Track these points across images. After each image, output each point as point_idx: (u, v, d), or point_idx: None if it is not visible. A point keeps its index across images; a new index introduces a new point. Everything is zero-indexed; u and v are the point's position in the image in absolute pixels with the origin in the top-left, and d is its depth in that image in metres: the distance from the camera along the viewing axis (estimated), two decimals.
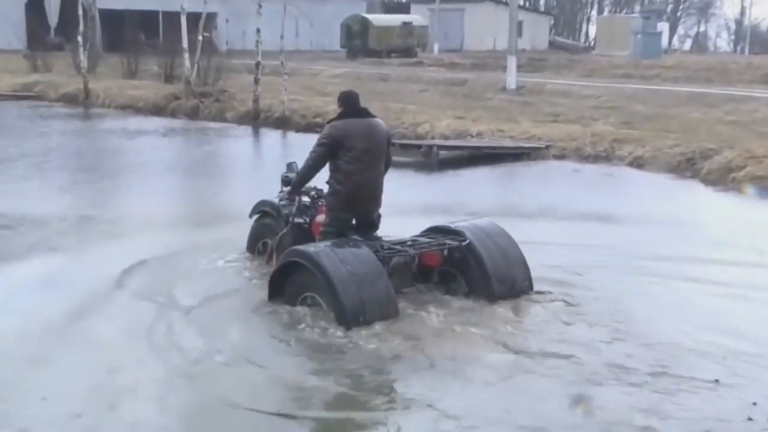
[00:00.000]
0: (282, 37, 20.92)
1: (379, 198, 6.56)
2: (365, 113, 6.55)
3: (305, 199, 6.90)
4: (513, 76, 25.96)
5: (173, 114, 21.85)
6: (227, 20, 48.77)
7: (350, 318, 5.71)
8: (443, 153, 14.92)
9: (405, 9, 61.12)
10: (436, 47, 51.22)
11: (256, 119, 20.23)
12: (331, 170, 6.46)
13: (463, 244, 6.39)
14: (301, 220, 6.87)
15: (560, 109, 20.33)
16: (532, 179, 13.50)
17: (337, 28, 49.06)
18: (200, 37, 23.26)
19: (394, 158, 14.11)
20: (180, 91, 22.85)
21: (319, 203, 6.81)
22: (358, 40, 47.32)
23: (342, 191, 6.37)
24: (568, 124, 17.28)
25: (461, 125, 17.04)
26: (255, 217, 7.51)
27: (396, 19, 50.44)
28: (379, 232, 6.64)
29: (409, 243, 6.41)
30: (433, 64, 40.18)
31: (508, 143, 15.62)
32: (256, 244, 7.55)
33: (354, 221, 6.55)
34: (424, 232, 6.64)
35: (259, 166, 15.20)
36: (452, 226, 6.58)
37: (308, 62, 38.02)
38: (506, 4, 48.97)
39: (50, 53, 33.14)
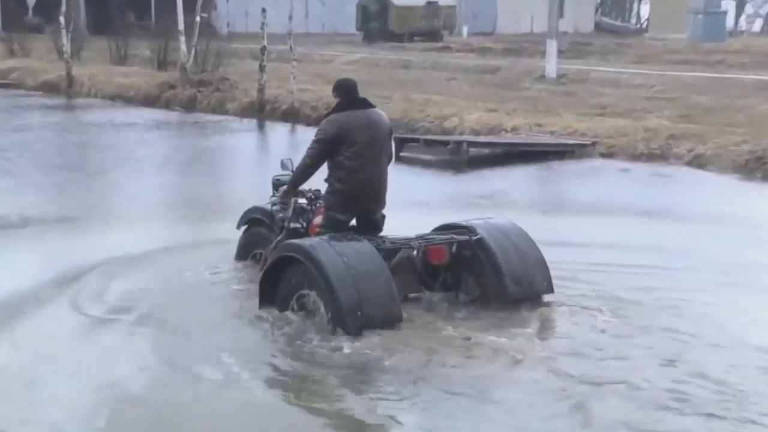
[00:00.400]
0: (290, 18, 20.99)
1: (383, 196, 6.69)
2: (365, 104, 6.66)
3: (302, 201, 6.94)
4: (553, 62, 25.89)
5: (167, 105, 21.99)
6: None
7: (347, 314, 5.79)
8: (473, 150, 14.91)
9: None
10: (465, 30, 51.22)
11: (261, 111, 20.29)
12: (331, 168, 6.57)
13: (473, 239, 6.51)
14: (297, 225, 6.91)
15: (607, 100, 20.26)
16: (574, 180, 13.45)
17: (352, 9, 49.17)
18: (198, 18, 23.40)
19: (418, 155, 14.57)
20: (175, 80, 22.99)
21: (317, 205, 6.85)
22: (376, 21, 47.41)
23: (343, 190, 6.49)
24: (617, 117, 17.22)
25: (494, 119, 17.03)
26: (243, 228, 7.49)
27: None
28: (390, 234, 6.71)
29: (410, 238, 6.51)
30: (462, 50, 40.17)
31: (547, 139, 15.58)
32: (248, 254, 7.49)
33: (355, 223, 6.66)
34: (433, 230, 6.76)
35: (263, 164, 15.21)
36: (463, 222, 6.71)
37: (320, 47, 38.14)
38: None
39: (28, 36, 33.50)
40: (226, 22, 38.56)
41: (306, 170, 6.66)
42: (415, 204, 10.45)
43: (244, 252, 7.52)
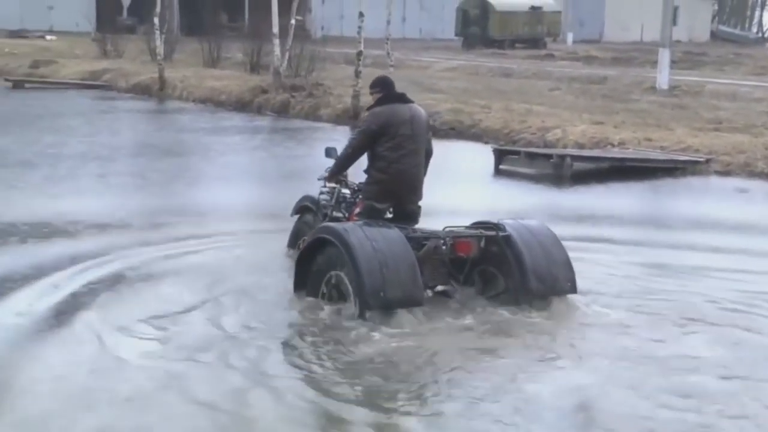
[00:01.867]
0: (388, 22, 21.23)
1: (420, 188, 7.27)
2: (406, 98, 7.30)
3: (345, 190, 7.61)
4: (665, 73, 25.51)
5: (259, 110, 22.40)
6: (323, 1, 49.79)
7: (369, 294, 6.34)
8: (578, 165, 14.77)
9: None
10: (569, 37, 50.89)
11: (355, 118, 20.44)
12: (371, 159, 7.19)
13: (501, 235, 6.97)
14: (339, 214, 7.57)
15: (724, 114, 19.87)
16: (686, 199, 13.20)
17: (452, 13, 49.34)
18: (292, 21, 23.82)
19: (519, 169, 14.51)
20: (267, 84, 23.39)
21: (359, 197, 7.43)
22: (476, 27, 47.46)
23: (383, 180, 7.09)
24: (734, 133, 16.87)
25: (600, 132, 16.86)
26: (296, 216, 8.31)
27: (522, 3, 50.32)
28: None
29: (441, 231, 7.02)
30: (566, 58, 39.93)
31: (657, 155, 15.35)
32: (296, 243, 8.20)
33: (391, 214, 7.23)
34: (466, 226, 7.24)
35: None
36: (495, 221, 7.18)
37: (416, 53, 38.37)
38: None
39: (121, 36, 34.53)
40: (320, 25, 39.11)
41: (348, 158, 7.33)
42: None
43: (295, 239, 8.28)
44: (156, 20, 27.13)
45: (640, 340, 6.47)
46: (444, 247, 6.92)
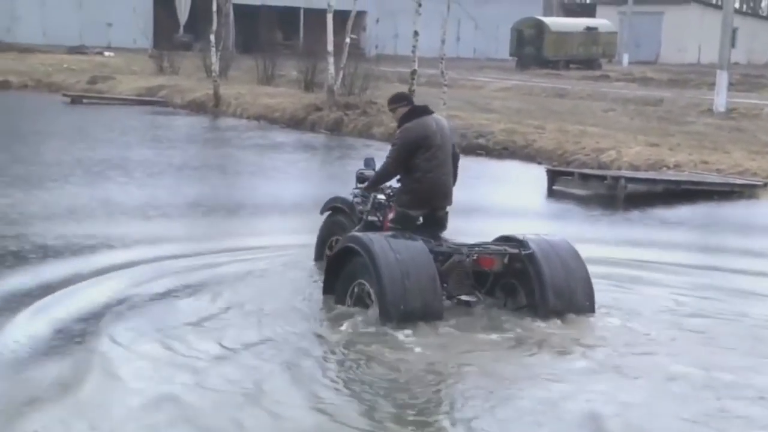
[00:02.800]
0: (443, 42, 21.31)
1: (450, 194, 7.67)
2: (429, 110, 7.73)
3: (380, 196, 7.92)
4: (723, 95, 25.29)
5: (313, 127, 22.62)
6: (377, 20, 50.14)
7: (390, 305, 6.65)
8: (632, 186, 14.73)
9: (589, 11, 60.87)
10: (625, 58, 50.61)
11: None
12: (406, 169, 7.53)
13: (524, 253, 7.21)
14: (374, 218, 7.89)
15: None
16: (743, 223, 13.12)
17: (506, 33, 49.39)
18: (347, 40, 24.01)
19: (572, 190, 14.44)
20: (321, 101, 23.62)
21: (392, 202, 7.77)
22: (530, 47, 47.45)
23: (418, 189, 7.47)
24: None
25: (655, 154, 16.80)
26: (326, 213, 8.60)
27: (578, 23, 50.26)
28: None
29: (468, 245, 7.32)
30: (622, 79, 39.75)
31: (714, 178, 15.25)
32: (326, 242, 8.48)
33: (421, 220, 7.58)
34: (493, 240, 7.55)
35: None
36: (519, 236, 7.44)
37: (470, 72, 38.47)
38: (717, 6, 47.86)
39: (178, 53, 35.09)
40: (374, 44, 39.30)
41: (388, 172, 7.72)
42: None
43: (324, 238, 8.57)
44: (212, 37, 27.53)
45: (683, 362, 6.49)
46: (468, 261, 7.18)
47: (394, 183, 7.85)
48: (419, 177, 7.43)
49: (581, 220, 12.76)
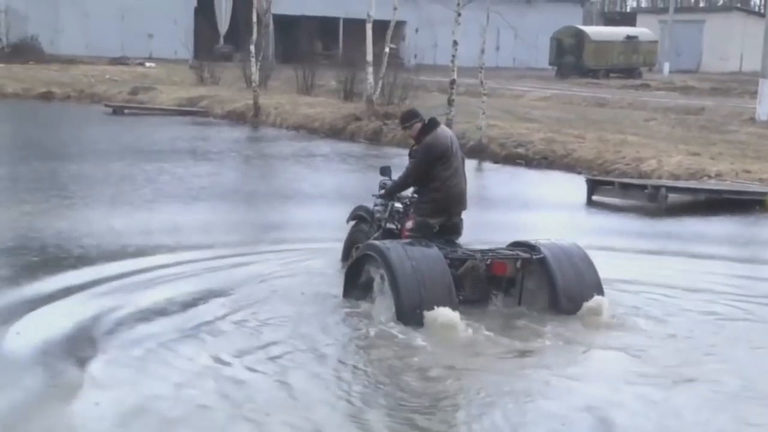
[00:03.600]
0: (483, 51, 21.30)
1: (466, 200, 8.00)
2: (438, 122, 8.12)
3: (398, 205, 8.29)
4: (766, 104, 25.06)
5: (352, 137, 22.72)
6: (417, 30, 50.26)
7: (407, 311, 6.93)
8: (673, 196, 14.63)
9: (630, 20, 60.54)
10: (666, 67, 50.27)
11: None
12: (426, 180, 7.87)
13: (535, 257, 7.53)
14: (392, 226, 8.27)
15: None
16: None
17: (546, 42, 49.27)
18: (387, 49, 24.10)
19: (611, 199, 14.49)
20: (361, 111, 23.72)
21: (411, 211, 8.11)
22: (570, 56, 47.31)
23: (438, 198, 7.80)
24: None
25: (696, 163, 16.68)
26: (352, 222, 8.99)
27: (618, 32, 50.01)
28: None
29: (482, 251, 7.65)
30: (662, 88, 39.49)
31: (756, 188, 15.10)
32: (351, 249, 8.76)
33: (437, 228, 7.88)
34: (507, 246, 7.88)
35: None
36: (532, 242, 7.77)
37: (510, 81, 38.41)
38: (760, 14, 47.35)
39: (218, 64, 35.40)
40: (413, 54, 39.41)
41: (407, 183, 8.08)
42: (606, 251, 10.43)
43: (348, 248, 8.86)
44: (252, 48, 27.75)
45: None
46: (482, 267, 7.48)
47: (407, 192, 8.23)
48: (438, 186, 7.77)
49: (621, 231, 12.70)
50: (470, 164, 18.91)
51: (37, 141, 20.57)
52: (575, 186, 15.67)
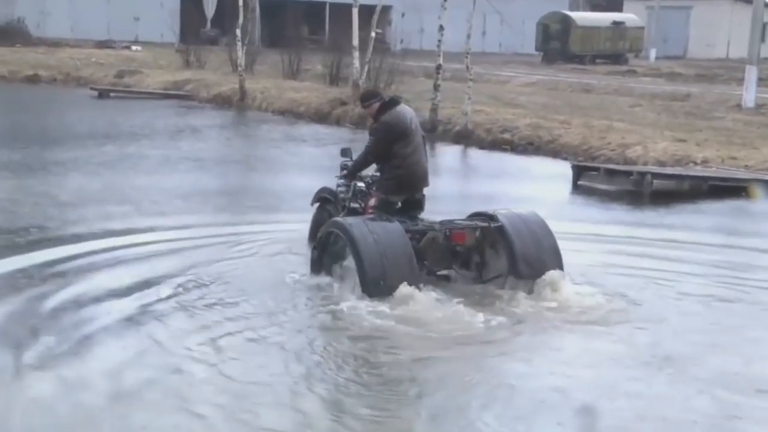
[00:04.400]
0: (469, 36, 21.14)
1: (427, 177, 8.15)
2: (399, 100, 8.28)
3: (360, 184, 8.41)
4: (752, 90, 25.01)
5: (338, 121, 22.55)
6: (403, 15, 50.01)
7: (370, 283, 7.15)
8: (658, 182, 14.55)
9: (616, 6, 60.32)
10: (652, 53, 50.17)
11: (433, 132, 20.45)
12: (386, 158, 8.00)
13: (494, 226, 7.79)
14: (356, 205, 8.42)
15: None
16: None
17: (532, 28, 49.11)
18: (373, 34, 23.94)
19: (598, 185, 14.31)
20: (347, 96, 23.54)
21: (373, 189, 8.25)
22: (556, 42, 47.16)
23: (400, 175, 7.92)
24: None
25: (682, 150, 16.60)
26: (316, 205, 9.10)
27: (604, 18, 49.87)
28: None
29: (442, 222, 7.87)
30: (649, 74, 39.42)
31: (741, 174, 15.04)
32: (317, 231, 8.68)
33: (400, 204, 8.06)
34: (467, 217, 8.10)
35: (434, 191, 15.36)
36: (490, 211, 8.02)
37: (496, 67, 38.29)
38: (747, 0, 47.29)
39: (204, 48, 35.09)
40: (400, 38, 39.18)
41: (367, 161, 8.23)
42: (591, 237, 10.35)
43: (315, 226, 8.89)
44: (238, 32, 27.49)
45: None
46: (441, 237, 7.73)
47: (371, 171, 8.41)
48: (399, 163, 7.89)
49: (606, 217, 12.62)
50: (455, 149, 19.10)
51: (22, 124, 20.37)
52: (561, 172, 15.57)
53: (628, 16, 51.11)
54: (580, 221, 11.64)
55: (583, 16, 50.00)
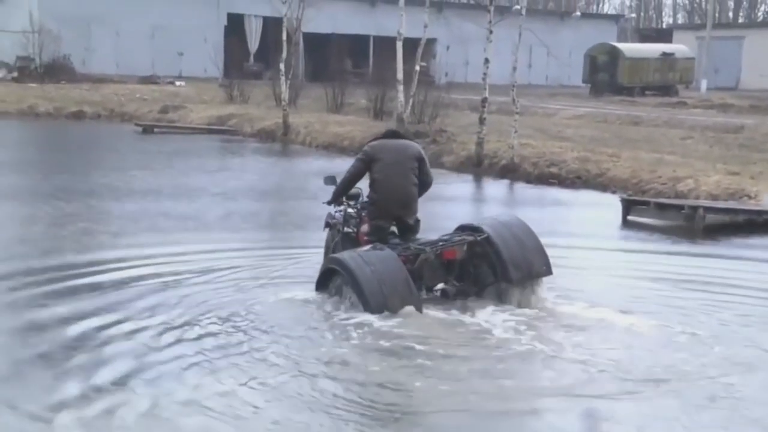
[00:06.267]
0: (515, 69, 21.14)
1: (412, 205, 8.59)
2: (397, 135, 8.98)
3: (350, 210, 8.96)
4: None
5: None
6: (448, 47, 50.24)
7: (375, 311, 7.62)
8: (711, 217, 14.36)
9: (666, 36, 60.14)
10: (703, 84, 49.86)
11: (479, 166, 20.48)
12: (369, 185, 8.60)
13: (479, 238, 8.29)
14: (349, 230, 8.97)
15: None
16: None
17: (580, 59, 49.05)
18: (417, 67, 24.06)
19: (647, 220, 14.18)
20: None
21: (363, 214, 8.82)
22: (604, 73, 47.03)
23: (376, 199, 8.51)
24: None
25: (735, 183, 16.39)
26: (326, 230, 9.60)
27: (654, 49, 49.69)
28: None
29: (432, 242, 8.40)
30: (700, 105, 39.13)
31: None
32: (328, 253, 9.32)
33: (396, 229, 8.62)
34: (454, 231, 8.61)
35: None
36: (475, 223, 8.57)
37: (542, 99, 38.24)
38: None
39: (248, 82, 35.52)
40: (444, 71, 39.40)
41: (347, 183, 8.78)
42: (644, 279, 10.21)
43: (327, 251, 9.40)
44: (282, 66, 27.74)
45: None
46: (433, 256, 8.20)
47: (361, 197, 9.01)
48: (377, 188, 8.48)
49: (657, 255, 12.42)
50: (502, 184, 19.02)
51: (67, 161, 20.70)
52: (610, 206, 15.44)
53: (677, 47, 50.89)
54: (631, 258, 11.50)
55: (632, 48, 49.89)
